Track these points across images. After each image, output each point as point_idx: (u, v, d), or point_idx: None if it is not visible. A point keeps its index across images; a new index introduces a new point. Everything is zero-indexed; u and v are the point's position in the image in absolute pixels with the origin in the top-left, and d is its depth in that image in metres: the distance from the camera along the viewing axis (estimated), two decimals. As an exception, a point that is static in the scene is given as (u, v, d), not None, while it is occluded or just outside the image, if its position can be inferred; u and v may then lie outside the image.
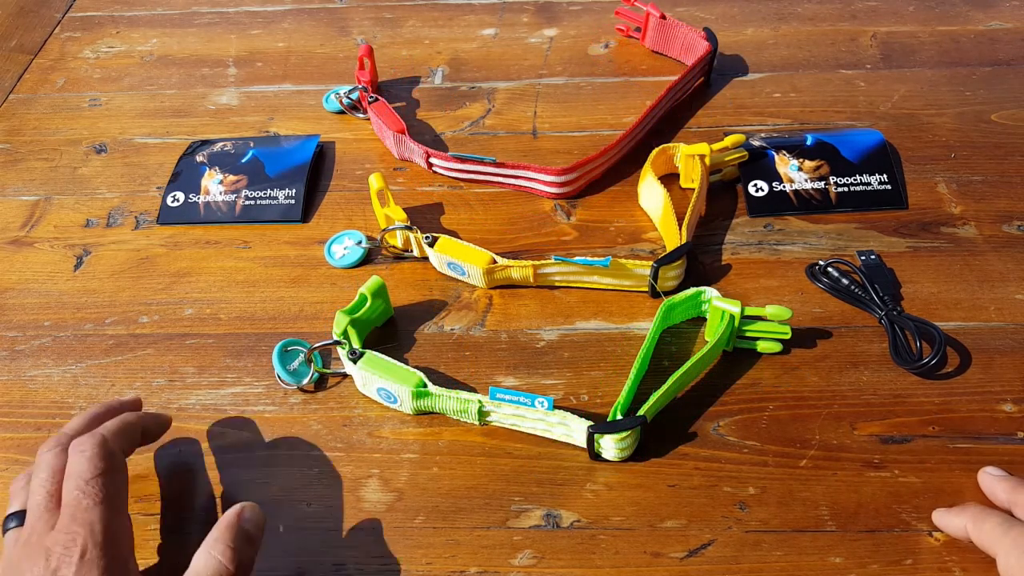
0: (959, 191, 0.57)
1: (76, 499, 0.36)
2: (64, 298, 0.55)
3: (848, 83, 0.65)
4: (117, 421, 0.41)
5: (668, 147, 0.57)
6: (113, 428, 0.40)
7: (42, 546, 0.35)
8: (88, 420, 0.42)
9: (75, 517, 0.36)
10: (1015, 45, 0.67)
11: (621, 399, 0.45)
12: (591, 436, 0.43)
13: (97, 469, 0.37)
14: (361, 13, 0.75)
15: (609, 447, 0.44)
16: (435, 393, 0.46)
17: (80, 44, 0.75)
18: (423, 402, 0.46)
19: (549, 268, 0.51)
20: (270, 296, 0.54)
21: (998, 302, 0.51)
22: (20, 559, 0.35)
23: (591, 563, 0.42)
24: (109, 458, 0.38)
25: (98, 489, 0.37)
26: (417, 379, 0.46)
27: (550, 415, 0.44)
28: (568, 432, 0.45)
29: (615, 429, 0.43)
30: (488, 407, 0.46)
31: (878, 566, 0.41)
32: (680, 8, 0.73)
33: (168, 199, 0.60)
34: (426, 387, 0.46)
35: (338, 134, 0.64)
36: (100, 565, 0.35)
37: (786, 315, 0.47)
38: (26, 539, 0.36)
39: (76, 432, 0.40)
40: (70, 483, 0.37)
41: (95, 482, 0.37)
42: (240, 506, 0.39)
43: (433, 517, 0.44)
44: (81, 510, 0.36)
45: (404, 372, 0.46)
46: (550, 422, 0.45)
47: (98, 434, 0.39)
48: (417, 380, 0.46)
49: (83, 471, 0.37)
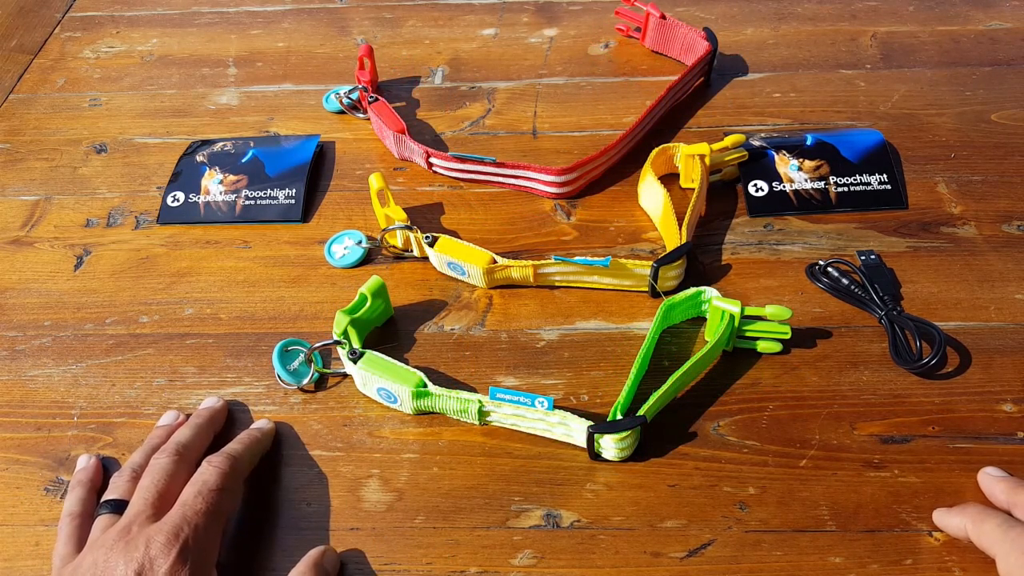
0: (959, 191, 0.57)
1: (193, 502, 0.39)
2: (64, 298, 0.55)
3: (848, 83, 0.65)
4: (247, 444, 0.44)
5: (668, 147, 0.57)
6: (243, 451, 0.43)
7: (144, 534, 0.37)
8: (196, 431, 0.45)
9: (186, 516, 0.38)
10: (1015, 45, 0.67)
11: (621, 399, 0.45)
12: (591, 436, 0.43)
13: (221, 484, 0.40)
14: (361, 13, 0.75)
15: (609, 447, 0.44)
16: (435, 393, 0.46)
17: (80, 44, 0.75)
18: (423, 402, 0.46)
19: (549, 268, 0.51)
20: (270, 296, 0.54)
21: (998, 302, 0.51)
22: (115, 543, 0.37)
23: (591, 563, 0.42)
24: (234, 479, 0.42)
25: (214, 500, 0.40)
26: (417, 379, 0.46)
27: (550, 415, 0.44)
28: (568, 432, 0.45)
29: (615, 429, 0.43)
30: (488, 407, 0.46)
31: (878, 566, 0.41)
32: (680, 8, 0.73)
33: (168, 199, 0.60)
34: (426, 387, 0.46)
35: (338, 134, 0.64)
36: (190, 565, 0.37)
37: (786, 315, 0.47)
38: (125, 526, 0.38)
39: (188, 442, 0.43)
40: (193, 488, 0.40)
41: (215, 494, 0.40)
42: (323, 548, 0.42)
43: (433, 517, 0.44)
44: (193, 512, 0.39)
45: (404, 372, 0.46)
46: (550, 422, 0.45)
47: (231, 456, 0.42)
48: (417, 380, 0.46)
49: (210, 481, 0.40)
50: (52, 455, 0.47)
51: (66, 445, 0.48)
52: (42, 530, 0.44)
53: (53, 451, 0.48)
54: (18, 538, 0.44)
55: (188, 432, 0.44)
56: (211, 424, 0.46)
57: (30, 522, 0.45)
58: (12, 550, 0.44)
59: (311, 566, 0.40)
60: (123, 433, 0.48)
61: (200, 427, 0.45)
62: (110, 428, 0.48)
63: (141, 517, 0.39)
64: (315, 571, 0.40)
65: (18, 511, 0.45)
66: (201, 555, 0.38)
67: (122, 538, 0.38)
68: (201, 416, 0.46)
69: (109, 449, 0.47)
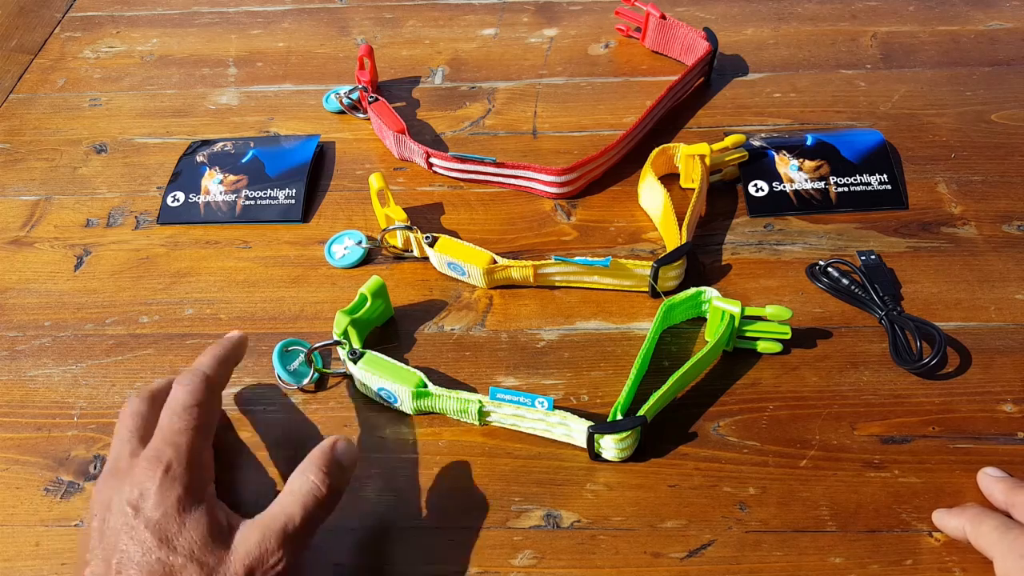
0: (959, 191, 0.57)
1: (169, 423, 0.39)
2: (64, 298, 0.55)
3: (848, 83, 0.65)
4: (213, 357, 0.43)
5: (668, 147, 0.57)
6: (211, 364, 0.42)
7: (128, 466, 0.38)
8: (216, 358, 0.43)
9: (165, 439, 0.38)
10: (1015, 45, 0.67)
11: (621, 399, 0.45)
12: (591, 436, 0.43)
13: (192, 400, 0.39)
14: (361, 13, 0.75)
15: (609, 447, 0.44)
16: (435, 393, 0.46)
17: (80, 44, 0.75)
18: (423, 402, 0.46)
19: (549, 268, 0.51)
20: (270, 296, 0.54)
21: (998, 302, 0.51)
22: (106, 483, 0.38)
23: (591, 563, 0.42)
24: (207, 391, 0.40)
25: (192, 416, 0.39)
26: (417, 379, 0.46)
27: (550, 415, 0.44)
28: (568, 432, 0.45)
29: (615, 429, 0.43)
30: (488, 407, 0.46)
31: (878, 566, 0.41)
32: (680, 8, 0.73)
33: (168, 199, 0.60)
34: (426, 387, 0.46)
35: (338, 134, 0.64)
36: (182, 483, 0.36)
37: (786, 315, 0.47)
38: (112, 467, 0.38)
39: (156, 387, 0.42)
40: (167, 411, 0.39)
41: (189, 411, 0.39)
42: (334, 438, 0.40)
43: (433, 517, 0.44)
44: (172, 432, 0.38)
45: (404, 372, 0.46)
46: (550, 422, 0.45)
47: (199, 371, 0.41)
48: (417, 380, 0.46)
49: (182, 399, 0.39)
50: (52, 455, 0.47)
51: (66, 445, 0.48)
52: (42, 530, 0.44)
53: (53, 451, 0.48)
54: (18, 538, 0.44)
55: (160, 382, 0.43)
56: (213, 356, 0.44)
57: (30, 522, 0.45)
58: (12, 550, 0.44)
59: (322, 454, 0.39)
60: (123, 433, 0.48)
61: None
62: (110, 428, 0.48)
63: (125, 452, 0.39)
64: (326, 459, 0.39)
65: (18, 511, 0.45)
66: (190, 472, 0.37)
67: (111, 476, 0.38)
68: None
69: (109, 449, 0.47)
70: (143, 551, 0.35)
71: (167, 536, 0.35)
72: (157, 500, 0.36)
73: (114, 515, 0.36)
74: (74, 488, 0.46)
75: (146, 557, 0.35)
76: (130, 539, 0.35)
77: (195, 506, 0.36)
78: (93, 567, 0.35)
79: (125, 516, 0.36)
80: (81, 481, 0.46)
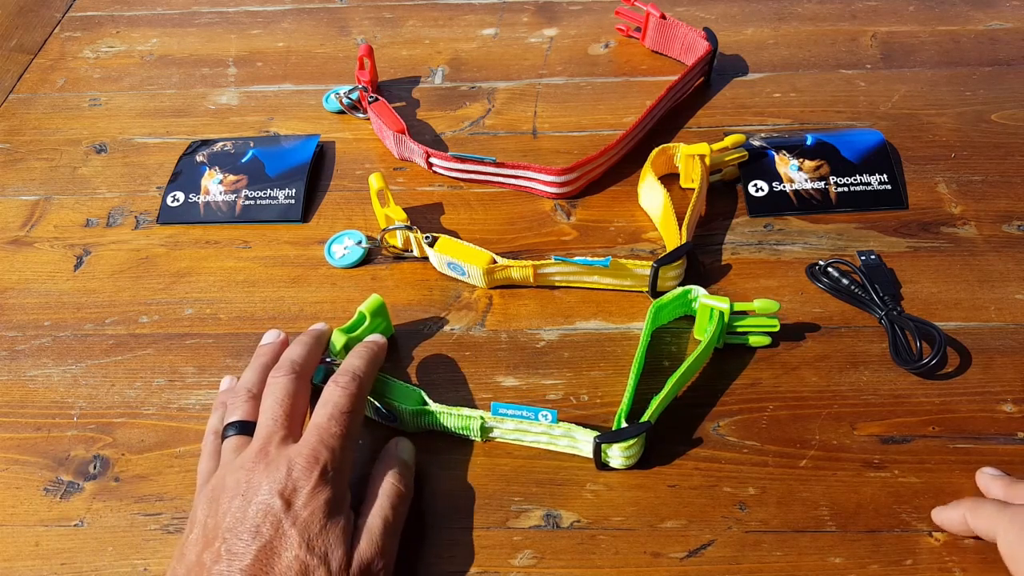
0: (959, 191, 0.57)
1: (327, 425, 0.40)
2: (64, 298, 0.55)
3: (848, 83, 0.65)
4: (368, 360, 0.44)
5: (668, 147, 0.57)
6: (366, 369, 0.43)
7: (285, 456, 0.38)
8: (307, 349, 0.44)
9: (323, 440, 0.39)
10: (1015, 45, 0.67)
11: (623, 407, 0.44)
12: (598, 446, 0.43)
13: (351, 406, 0.41)
14: (361, 13, 0.75)
15: (616, 456, 0.44)
16: (435, 411, 0.45)
17: (80, 44, 0.75)
18: (422, 420, 0.46)
19: (549, 268, 0.51)
20: (270, 296, 0.54)
21: (998, 302, 0.51)
22: (255, 464, 0.38)
23: (591, 563, 0.42)
24: (361, 399, 0.42)
25: (347, 422, 0.40)
26: (417, 396, 0.46)
27: (554, 428, 0.43)
28: (573, 444, 0.44)
29: (621, 438, 0.42)
30: (491, 423, 0.45)
31: (878, 566, 0.41)
32: (680, 8, 0.73)
33: (168, 199, 0.60)
34: (426, 404, 0.45)
35: (338, 134, 0.64)
36: (331, 487, 0.38)
37: (774, 308, 0.46)
38: (261, 447, 0.39)
39: (302, 360, 0.43)
40: (325, 409, 0.40)
41: (347, 416, 0.40)
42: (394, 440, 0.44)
43: (433, 517, 0.44)
44: (329, 435, 0.39)
45: (403, 390, 0.46)
46: (554, 435, 0.44)
47: (357, 375, 0.42)
48: (417, 398, 0.46)
49: (341, 403, 0.41)
50: (52, 455, 0.47)
51: (66, 445, 0.48)
52: (42, 530, 0.44)
53: (53, 451, 0.47)
54: (18, 538, 0.44)
55: (300, 349, 0.44)
56: (320, 343, 0.46)
57: (30, 522, 0.45)
58: (12, 550, 0.44)
59: (391, 459, 0.42)
60: (123, 433, 0.48)
61: (310, 345, 0.45)
62: (110, 428, 0.48)
63: (276, 438, 0.39)
64: (396, 463, 0.42)
65: (18, 511, 0.45)
66: (338, 477, 0.39)
67: (261, 460, 0.39)
68: (311, 335, 0.46)
69: (109, 449, 0.47)
70: (286, 546, 0.36)
71: (309, 536, 0.37)
72: (308, 499, 0.37)
73: (259, 500, 0.37)
74: (74, 488, 0.46)
75: (288, 552, 0.36)
76: (274, 529, 0.36)
77: (337, 511, 0.38)
78: (230, 543, 0.36)
79: (273, 506, 0.37)
80: (81, 481, 0.46)
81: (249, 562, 0.35)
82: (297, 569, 0.36)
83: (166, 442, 0.47)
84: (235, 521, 0.37)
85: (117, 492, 0.46)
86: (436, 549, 0.43)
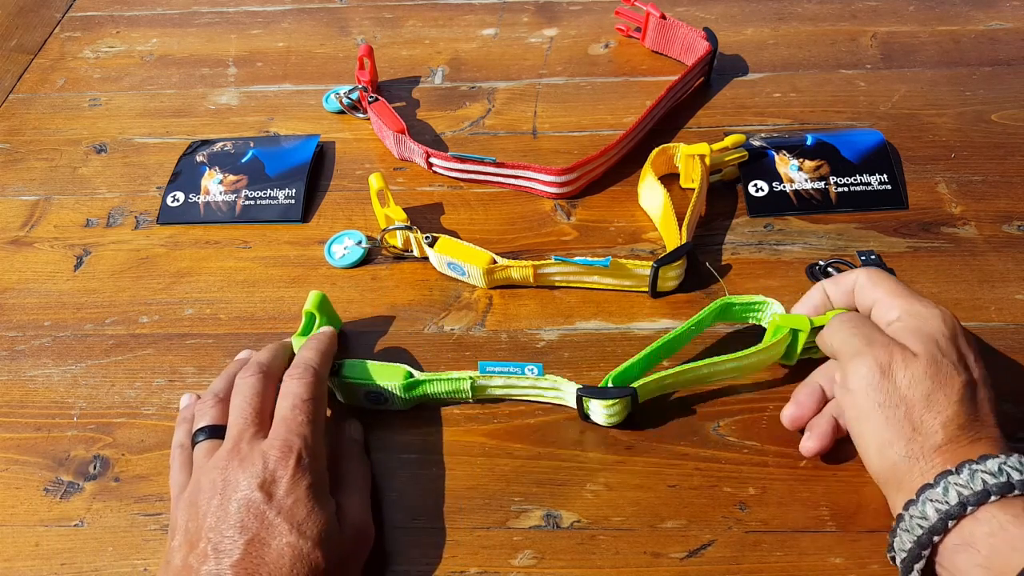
0: (959, 191, 0.57)
1: (293, 415, 0.40)
2: (64, 298, 0.55)
3: (848, 83, 0.65)
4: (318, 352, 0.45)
5: (668, 147, 0.57)
6: (318, 359, 0.44)
7: (258, 450, 0.39)
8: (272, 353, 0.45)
9: (291, 429, 0.40)
10: (1015, 45, 0.67)
11: (619, 369, 0.44)
12: (579, 398, 0.44)
13: (310, 393, 0.42)
14: (361, 13, 0.75)
15: (597, 411, 0.45)
16: (425, 379, 0.46)
17: (80, 44, 0.75)
18: (415, 392, 0.46)
19: (549, 268, 0.51)
20: (270, 296, 0.54)
21: (998, 302, 0.51)
22: (229, 462, 0.39)
23: (591, 563, 0.42)
24: (319, 386, 0.43)
25: (310, 410, 0.41)
26: (403, 372, 0.46)
27: (541, 380, 0.45)
28: (560, 395, 0.46)
29: (603, 396, 0.43)
30: (481, 381, 0.46)
31: (878, 566, 0.41)
32: (680, 8, 0.73)
33: (168, 199, 0.60)
34: (413, 377, 0.46)
35: (338, 134, 0.64)
36: (310, 472, 0.39)
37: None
38: (233, 446, 0.39)
39: (268, 360, 0.44)
40: (287, 401, 0.41)
41: (308, 404, 0.41)
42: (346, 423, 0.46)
43: (433, 517, 0.44)
44: (297, 424, 0.40)
45: (389, 369, 0.46)
46: (541, 387, 0.46)
47: (310, 366, 0.43)
48: (404, 373, 0.46)
49: (300, 392, 0.41)
50: (52, 455, 0.47)
51: (66, 445, 0.48)
52: (42, 530, 0.44)
53: (53, 451, 0.47)
54: (18, 538, 0.44)
55: (266, 354, 0.45)
56: (284, 348, 0.46)
57: (30, 522, 0.45)
58: (12, 550, 0.44)
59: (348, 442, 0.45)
60: (123, 433, 0.48)
61: (275, 350, 0.46)
62: (110, 428, 0.48)
63: (247, 434, 0.40)
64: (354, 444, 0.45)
65: (18, 511, 0.45)
66: (315, 463, 0.39)
67: (235, 457, 0.39)
68: (275, 343, 0.47)
69: (109, 449, 0.47)
70: (275, 535, 0.36)
71: (297, 522, 0.37)
72: (290, 487, 0.38)
73: (240, 495, 0.37)
74: (74, 488, 0.46)
75: (277, 540, 0.36)
76: (259, 522, 0.37)
77: (320, 495, 0.39)
78: (216, 542, 0.36)
79: (254, 499, 0.37)
80: (81, 481, 0.46)
81: (238, 557, 0.36)
82: (290, 555, 0.36)
83: (166, 442, 0.47)
84: (217, 520, 0.37)
85: (117, 492, 0.46)
86: (436, 549, 0.43)
